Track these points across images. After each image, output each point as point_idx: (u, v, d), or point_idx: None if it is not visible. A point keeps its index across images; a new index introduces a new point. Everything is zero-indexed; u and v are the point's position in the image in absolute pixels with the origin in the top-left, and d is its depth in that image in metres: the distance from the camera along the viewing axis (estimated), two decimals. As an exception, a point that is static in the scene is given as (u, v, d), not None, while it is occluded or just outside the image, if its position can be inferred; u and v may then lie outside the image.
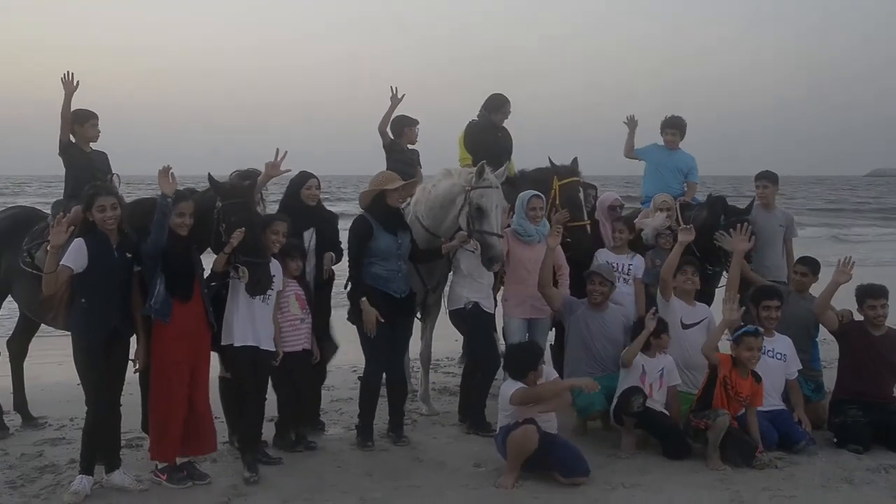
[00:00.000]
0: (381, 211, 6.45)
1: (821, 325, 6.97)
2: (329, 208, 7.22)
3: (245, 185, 5.95)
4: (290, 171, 6.44)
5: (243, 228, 5.55)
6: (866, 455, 6.19)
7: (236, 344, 5.85)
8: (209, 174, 5.86)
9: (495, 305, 7.13)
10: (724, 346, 6.51)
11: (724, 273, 7.39)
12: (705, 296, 7.36)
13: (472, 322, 6.89)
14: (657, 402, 6.35)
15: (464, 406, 7.01)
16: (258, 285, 5.68)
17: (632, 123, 8.62)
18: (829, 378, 7.03)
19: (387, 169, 7.42)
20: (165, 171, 5.53)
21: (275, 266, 5.95)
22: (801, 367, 6.73)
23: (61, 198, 6.58)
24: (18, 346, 7.13)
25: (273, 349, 5.98)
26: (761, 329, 6.32)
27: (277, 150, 6.35)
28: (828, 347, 7.34)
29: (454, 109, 7.94)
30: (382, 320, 6.35)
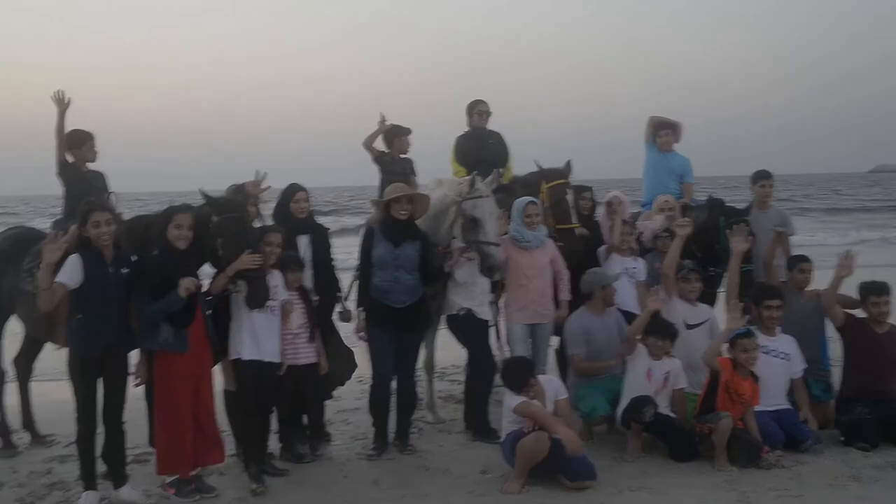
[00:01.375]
0: (387, 222, 6.40)
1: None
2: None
3: (239, 199, 5.91)
4: (269, 187, 6.40)
5: (252, 252, 5.51)
6: (874, 452, 6.09)
7: (243, 358, 5.80)
8: (200, 189, 5.82)
9: (497, 312, 6.99)
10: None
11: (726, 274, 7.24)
12: (707, 297, 7.24)
13: (464, 328, 6.83)
14: (661, 405, 6.25)
15: (469, 413, 6.93)
16: (256, 298, 5.61)
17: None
18: (838, 377, 6.89)
19: (380, 180, 7.43)
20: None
21: (275, 277, 5.90)
22: (805, 366, 6.61)
23: (60, 217, 6.57)
24: (24, 365, 7.07)
25: (278, 360, 5.92)
26: (752, 329, 6.26)
27: (257, 171, 6.34)
28: (836, 346, 7.18)
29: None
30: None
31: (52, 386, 7.93)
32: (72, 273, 5.25)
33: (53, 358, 6.60)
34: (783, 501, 5.30)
